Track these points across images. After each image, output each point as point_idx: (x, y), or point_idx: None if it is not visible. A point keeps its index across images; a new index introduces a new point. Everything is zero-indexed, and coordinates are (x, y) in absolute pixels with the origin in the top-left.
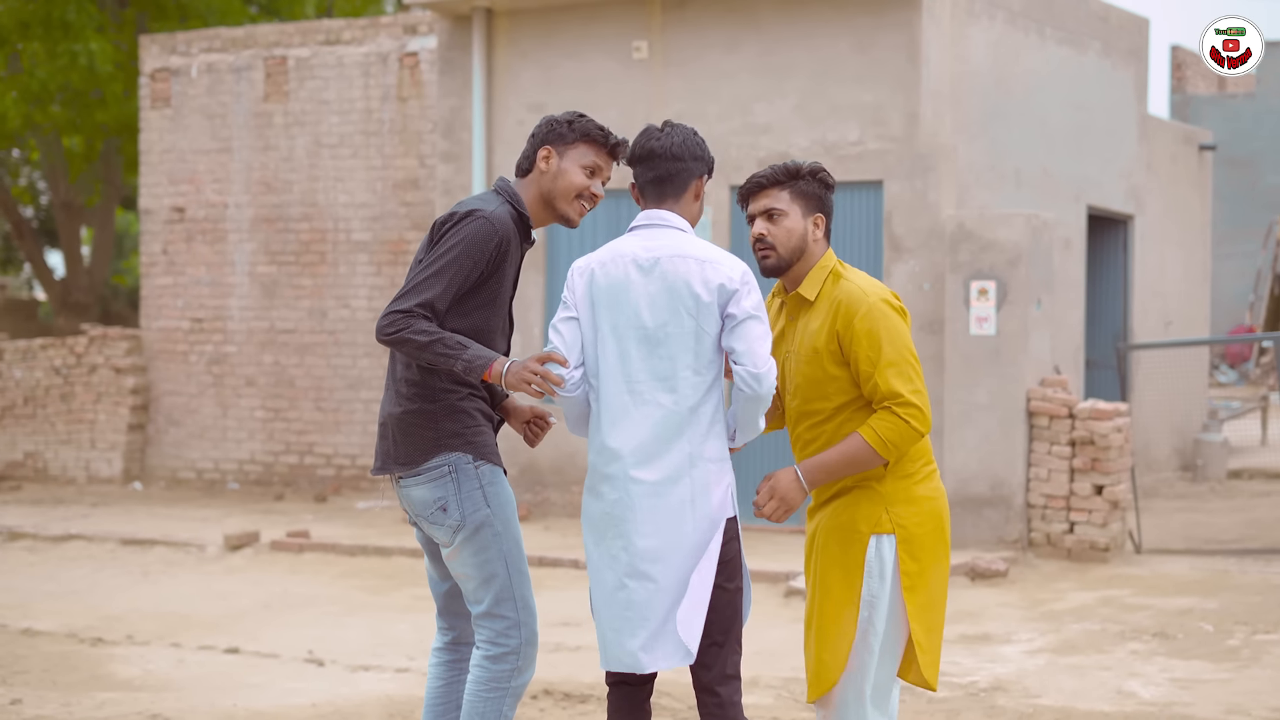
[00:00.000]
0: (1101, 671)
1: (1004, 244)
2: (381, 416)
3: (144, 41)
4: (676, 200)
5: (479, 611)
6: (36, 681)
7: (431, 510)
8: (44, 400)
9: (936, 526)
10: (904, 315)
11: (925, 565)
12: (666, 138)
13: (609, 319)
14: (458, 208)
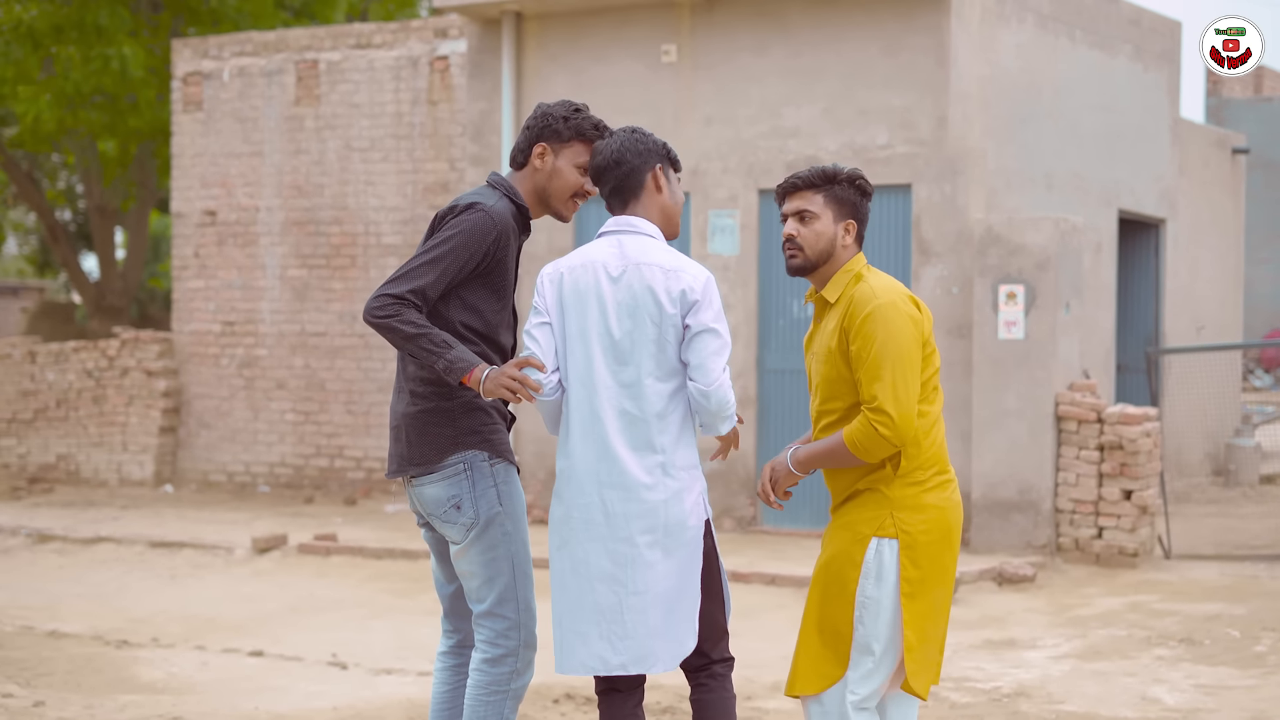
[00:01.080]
0: (1126, 678)
1: (1032, 248)
2: (394, 420)
3: (176, 45)
4: (637, 200)
5: (480, 610)
6: (60, 684)
7: (445, 508)
8: (76, 403)
9: (943, 536)
10: (916, 322)
11: (927, 573)
12: (605, 150)
13: (577, 325)
14: (458, 200)
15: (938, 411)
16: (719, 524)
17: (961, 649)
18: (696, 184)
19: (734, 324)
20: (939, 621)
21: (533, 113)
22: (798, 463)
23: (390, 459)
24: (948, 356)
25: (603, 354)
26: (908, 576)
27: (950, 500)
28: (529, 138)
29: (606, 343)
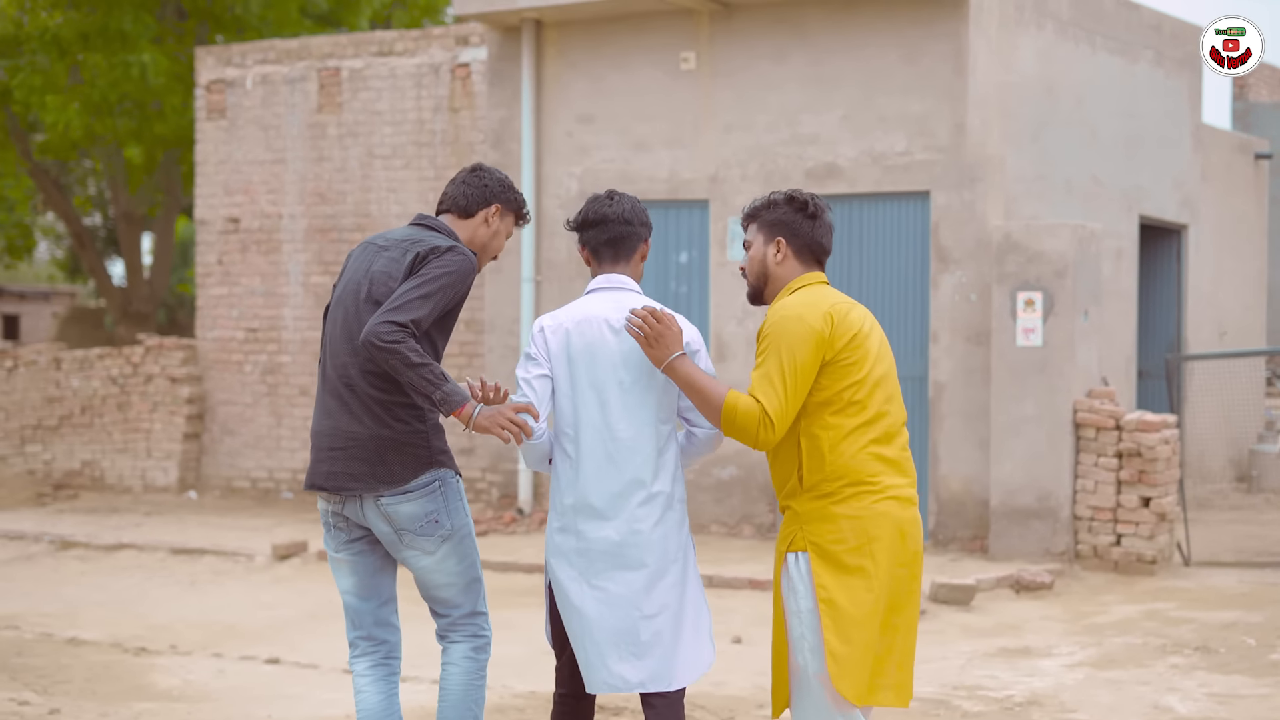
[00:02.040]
0: (1139, 686)
1: (1051, 255)
2: (344, 440)
3: (199, 53)
4: (627, 262)
5: (462, 613)
6: (77, 691)
7: (422, 523)
8: (101, 409)
9: (863, 545)
10: (819, 335)
11: (844, 581)
12: (618, 204)
13: (588, 375)
14: (431, 240)
15: (855, 425)
16: (739, 531)
17: (976, 657)
18: (716, 191)
19: (753, 331)
20: (864, 628)
21: (485, 175)
22: (671, 367)
23: (336, 476)
24: (966, 364)
25: (613, 400)
26: (822, 583)
27: (870, 510)
28: (487, 196)
29: (615, 390)
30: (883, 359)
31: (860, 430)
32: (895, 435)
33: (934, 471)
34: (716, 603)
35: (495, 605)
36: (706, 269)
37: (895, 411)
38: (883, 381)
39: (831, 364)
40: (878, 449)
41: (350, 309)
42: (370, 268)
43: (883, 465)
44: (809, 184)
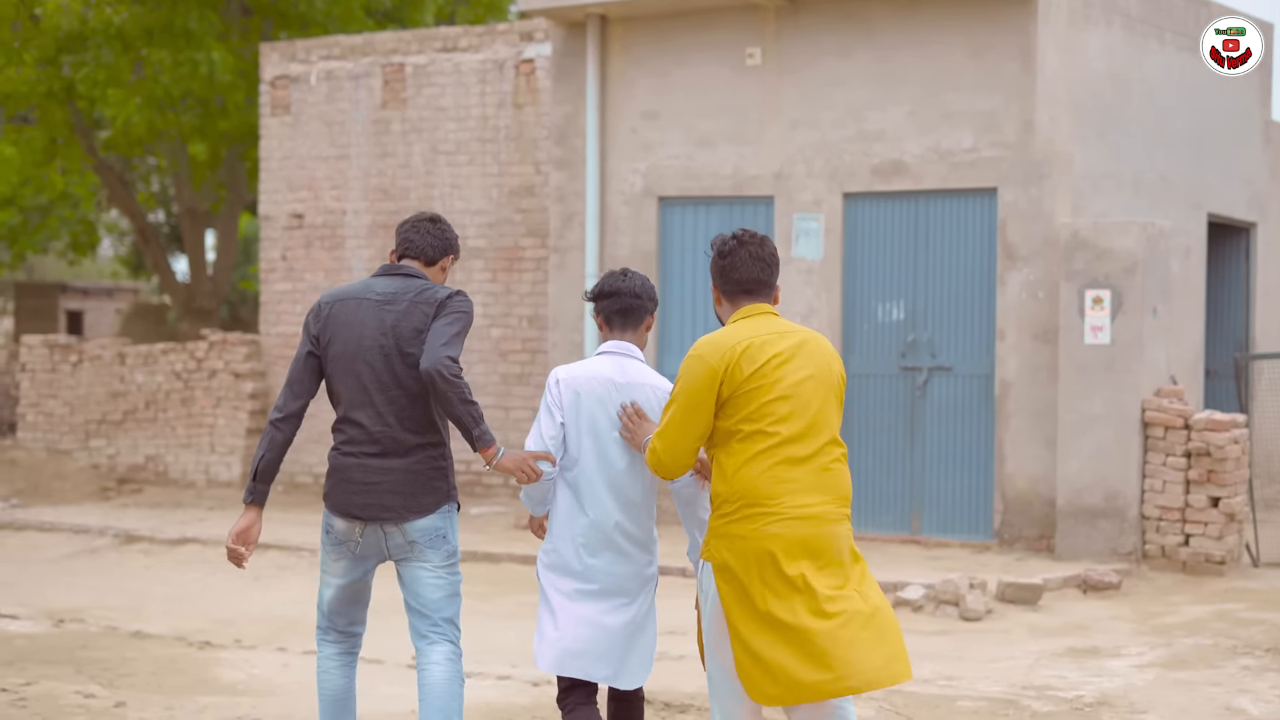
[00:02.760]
0: (1211, 687)
1: (1119, 252)
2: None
3: (264, 49)
4: (635, 331)
5: (443, 617)
6: (142, 685)
7: (433, 537)
8: (165, 404)
9: (753, 562)
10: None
11: (743, 592)
12: (630, 281)
13: (589, 425)
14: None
15: (760, 450)
16: None
17: (1044, 657)
18: (781, 188)
19: (817, 328)
20: (762, 636)
21: (444, 227)
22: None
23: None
24: (1033, 362)
25: (613, 448)
26: (722, 593)
27: (762, 531)
28: (446, 248)
29: (616, 440)
30: (806, 384)
31: (766, 454)
32: (814, 456)
33: (1000, 470)
34: None
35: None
36: None
37: (819, 433)
38: (803, 405)
39: (735, 395)
40: (786, 470)
41: (378, 364)
42: (384, 324)
43: (790, 486)
44: (875, 181)
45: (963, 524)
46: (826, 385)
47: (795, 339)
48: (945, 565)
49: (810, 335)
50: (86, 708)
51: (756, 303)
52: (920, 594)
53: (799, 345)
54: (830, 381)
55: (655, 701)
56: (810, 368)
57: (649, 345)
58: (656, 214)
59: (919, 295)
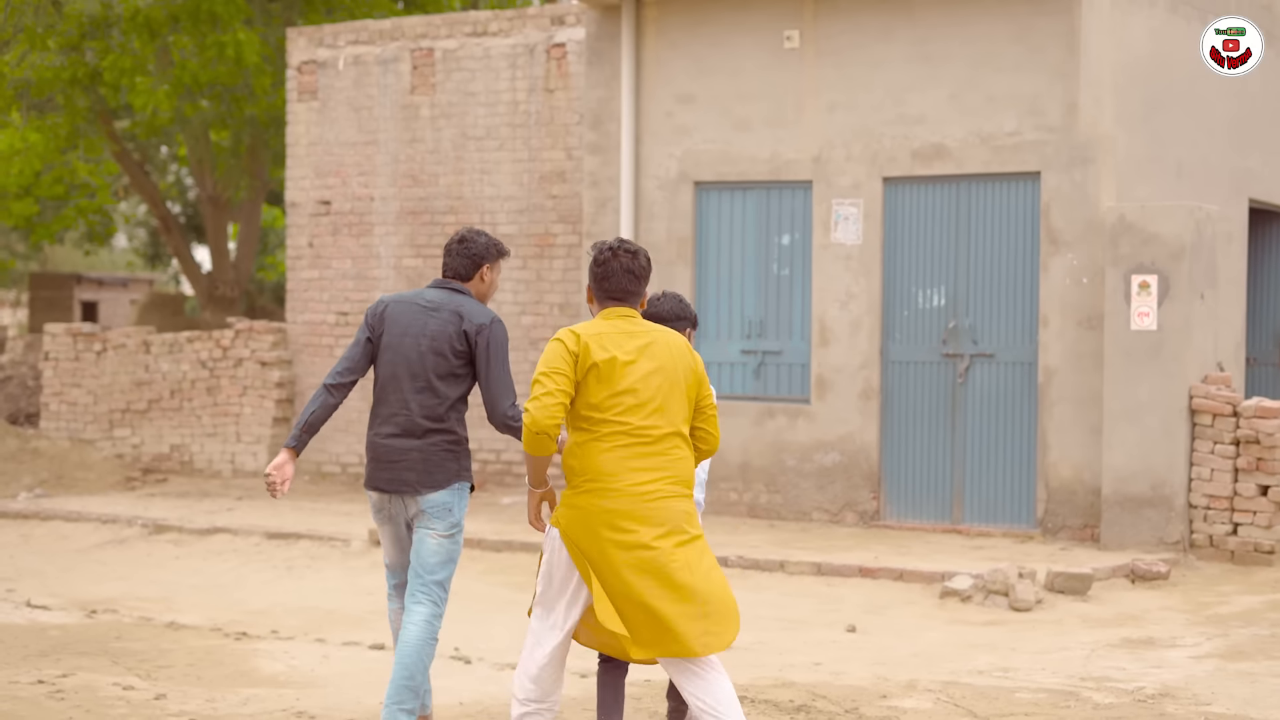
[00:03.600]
0: (1273, 679)
1: (1166, 237)
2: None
3: (291, 34)
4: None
5: (435, 579)
6: (181, 677)
7: (440, 509)
8: (190, 393)
9: (586, 527)
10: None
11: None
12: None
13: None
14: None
15: (604, 435)
16: (841, 518)
17: (1100, 648)
18: (819, 172)
19: (857, 315)
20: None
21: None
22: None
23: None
24: (1078, 348)
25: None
26: (571, 553)
27: (594, 504)
28: (475, 264)
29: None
30: (652, 379)
31: (612, 438)
32: (657, 442)
33: (1043, 458)
34: (826, 590)
35: None
36: (809, 251)
37: (662, 422)
38: (648, 399)
39: (585, 380)
40: (629, 453)
41: (413, 358)
42: (426, 327)
43: (631, 466)
44: (915, 165)
45: (1005, 513)
46: (672, 380)
47: (645, 339)
48: (988, 555)
49: (660, 336)
50: (126, 699)
51: (622, 308)
52: (969, 584)
53: (647, 345)
54: (676, 377)
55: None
56: (656, 365)
57: None
58: (692, 199)
59: (960, 281)
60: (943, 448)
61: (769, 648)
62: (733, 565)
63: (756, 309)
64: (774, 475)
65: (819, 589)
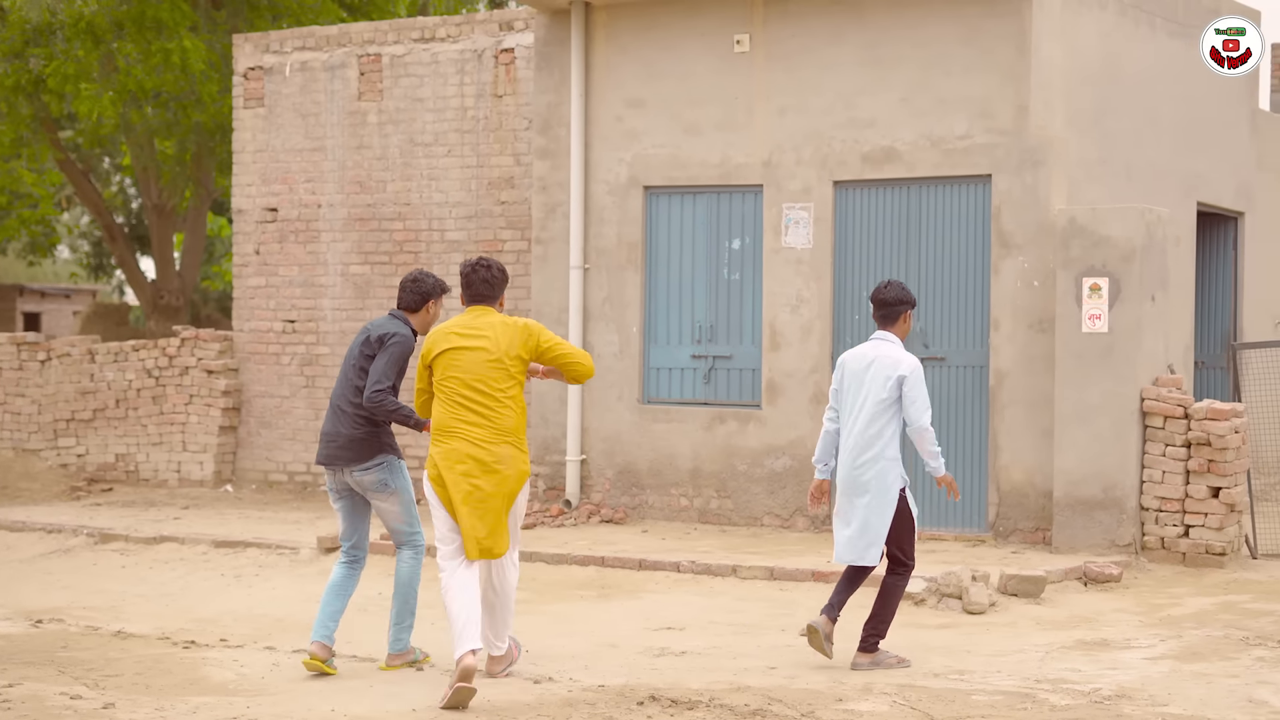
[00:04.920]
0: (1228, 679)
1: (1117, 240)
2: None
3: (237, 40)
4: (894, 324)
5: (405, 535)
6: (129, 686)
7: (377, 485)
8: (136, 402)
9: (438, 470)
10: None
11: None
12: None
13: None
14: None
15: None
16: (792, 524)
17: (1055, 650)
18: (770, 176)
19: (808, 319)
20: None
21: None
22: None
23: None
24: (1030, 351)
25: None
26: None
27: (444, 447)
28: (421, 300)
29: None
30: (478, 359)
31: (450, 403)
32: (481, 404)
33: (994, 462)
34: (780, 595)
35: (549, 599)
36: (759, 255)
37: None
38: (475, 376)
39: (433, 364)
40: (461, 413)
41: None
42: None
43: (463, 422)
44: (866, 168)
45: (956, 516)
46: (494, 359)
47: (483, 329)
48: (940, 558)
49: (495, 323)
50: (74, 709)
51: (479, 306)
52: (922, 587)
53: (482, 331)
54: (498, 356)
55: (662, 698)
56: (483, 347)
57: (635, 333)
58: (642, 204)
59: (911, 285)
60: None
61: (723, 652)
62: (685, 571)
63: (707, 314)
64: (725, 480)
65: (772, 593)
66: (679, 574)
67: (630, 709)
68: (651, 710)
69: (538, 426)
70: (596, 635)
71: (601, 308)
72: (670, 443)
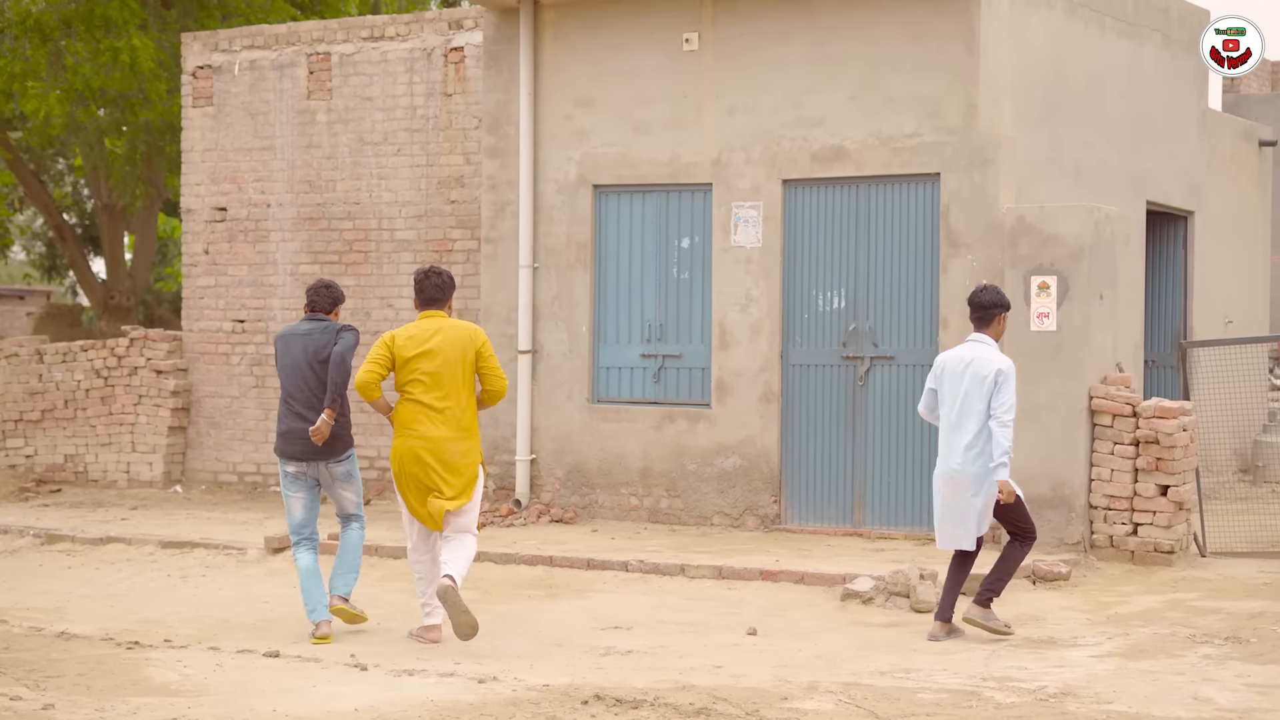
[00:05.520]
0: (1174, 677)
1: (1065, 238)
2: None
3: (186, 39)
4: (989, 326)
5: (354, 510)
6: (70, 686)
7: (345, 474)
8: (84, 403)
9: (397, 461)
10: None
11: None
12: (984, 294)
13: (951, 386)
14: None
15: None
16: (742, 523)
17: (1001, 648)
18: (719, 175)
19: (757, 318)
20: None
21: (333, 289)
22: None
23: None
24: None
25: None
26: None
27: (400, 446)
28: (332, 304)
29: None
30: (437, 360)
31: (412, 403)
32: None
33: None
34: (728, 594)
35: (496, 599)
36: (709, 254)
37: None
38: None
39: (396, 365)
40: (422, 412)
41: (301, 366)
42: (303, 346)
43: (423, 419)
44: (815, 167)
45: (906, 515)
46: (453, 362)
47: (437, 334)
48: (890, 557)
49: (446, 327)
50: (13, 710)
51: (433, 310)
52: (870, 586)
53: (436, 336)
54: (456, 358)
55: (606, 698)
56: (442, 350)
57: (587, 332)
58: (591, 203)
59: (860, 284)
60: (844, 451)
61: (669, 651)
62: (633, 570)
63: (656, 313)
64: (675, 480)
65: (720, 592)
66: (627, 573)
67: (574, 708)
68: (595, 709)
69: (487, 426)
70: (543, 635)
71: (551, 307)
72: (620, 442)
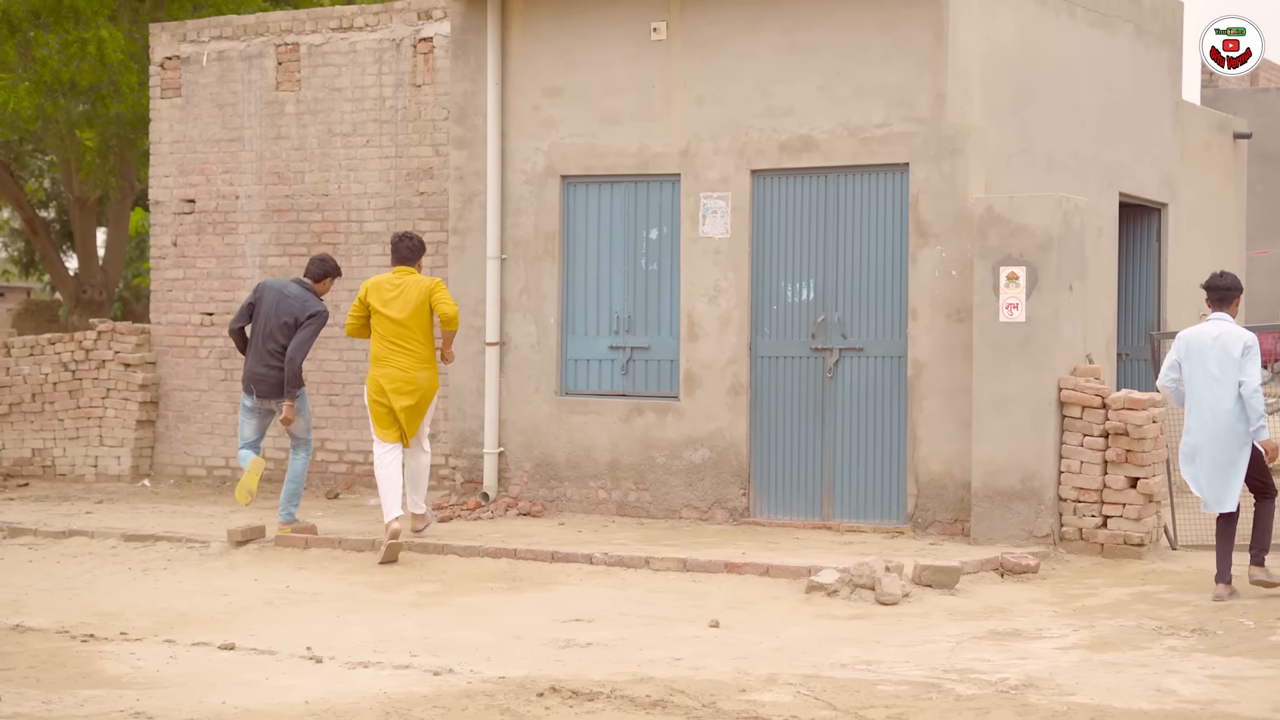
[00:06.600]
0: (1138, 668)
1: (1034, 229)
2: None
3: (154, 29)
4: (1228, 306)
5: (304, 440)
6: (20, 679)
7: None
8: (52, 396)
9: (371, 388)
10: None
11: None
12: (1224, 278)
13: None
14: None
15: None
16: (711, 516)
17: (965, 640)
18: (687, 165)
19: (725, 309)
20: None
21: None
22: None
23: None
24: (948, 341)
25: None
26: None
27: (376, 371)
28: (321, 275)
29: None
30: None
31: (381, 339)
32: (404, 340)
33: (913, 453)
34: (692, 587)
35: (459, 591)
36: (677, 245)
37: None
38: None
39: (369, 310)
40: (389, 347)
41: (273, 322)
42: (279, 305)
43: (390, 353)
44: (784, 157)
45: (875, 508)
46: (414, 306)
47: (402, 285)
48: (858, 550)
49: (410, 281)
50: None
51: (402, 266)
52: (835, 578)
53: (401, 287)
54: (416, 304)
55: (562, 690)
56: (405, 297)
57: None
58: (559, 193)
59: (829, 275)
60: (812, 443)
61: (630, 644)
62: (598, 563)
63: (624, 304)
64: (643, 473)
65: (685, 585)
66: (591, 566)
67: (529, 700)
68: (551, 701)
69: (455, 419)
70: (503, 627)
71: (519, 299)
72: (588, 435)
